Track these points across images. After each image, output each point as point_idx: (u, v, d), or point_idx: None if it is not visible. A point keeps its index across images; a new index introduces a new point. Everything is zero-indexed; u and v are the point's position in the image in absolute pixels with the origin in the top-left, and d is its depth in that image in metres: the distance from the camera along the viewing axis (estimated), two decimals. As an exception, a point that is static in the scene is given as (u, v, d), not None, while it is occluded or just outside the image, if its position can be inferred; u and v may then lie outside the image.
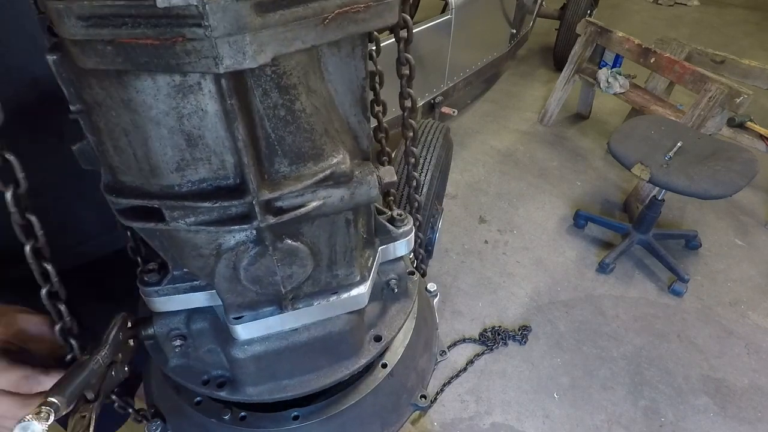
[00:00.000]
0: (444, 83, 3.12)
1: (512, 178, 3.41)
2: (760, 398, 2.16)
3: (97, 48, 0.36)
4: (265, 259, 0.52)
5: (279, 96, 0.44)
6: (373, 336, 0.70)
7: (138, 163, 0.45)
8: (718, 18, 6.18)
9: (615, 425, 2.05)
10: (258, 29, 0.36)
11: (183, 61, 0.36)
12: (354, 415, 0.70)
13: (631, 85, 3.35)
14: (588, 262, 2.78)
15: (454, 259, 2.77)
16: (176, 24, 0.35)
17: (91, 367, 0.52)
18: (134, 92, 0.41)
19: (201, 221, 0.47)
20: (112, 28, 0.35)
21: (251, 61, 0.37)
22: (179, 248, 0.52)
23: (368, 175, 0.53)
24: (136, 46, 0.36)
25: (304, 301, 0.60)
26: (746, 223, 3.07)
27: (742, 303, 2.58)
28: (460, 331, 2.39)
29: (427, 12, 2.89)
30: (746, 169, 2.30)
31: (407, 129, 0.68)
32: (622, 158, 2.41)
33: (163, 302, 0.59)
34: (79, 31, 0.36)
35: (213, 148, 0.45)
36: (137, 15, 0.35)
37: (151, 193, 0.46)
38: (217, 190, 0.47)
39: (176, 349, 0.62)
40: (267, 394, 0.63)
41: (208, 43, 0.35)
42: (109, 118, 0.43)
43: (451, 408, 2.10)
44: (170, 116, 0.42)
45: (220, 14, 0.34)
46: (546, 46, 5.10)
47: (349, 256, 0.60)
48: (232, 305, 0.57)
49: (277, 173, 0.48)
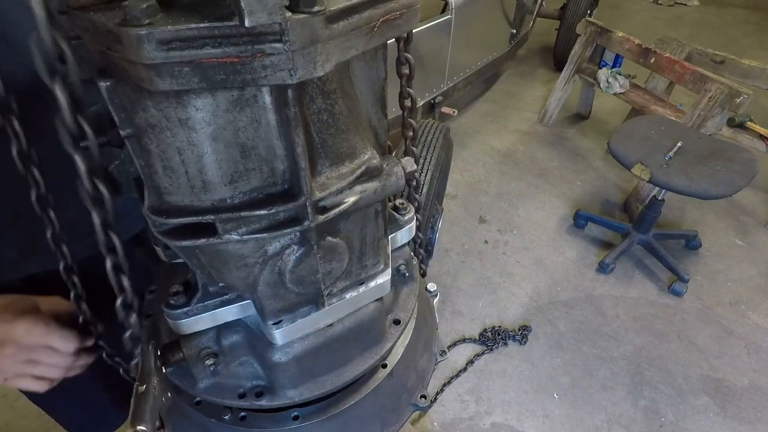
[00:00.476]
0: (444, 83, 3.12)
1: (512, 178, 3.41)
2: (760, 398, 2.16)
3: (174, 70, 0.37)
4: (309, 258, 0.54)
5: (322, 101, 0.46)
6: (392, 320, 0.73)
7: (189, 182, 0.46)
8: (718, 18, 6.18)
9: (615, 425, 2.05)
10: (327, 40, 0.39)
11: (259, 75, 0.38)
12: (354, 415, 0.70)
13: (631, 85, 3.35)
14: (588, 262, 2.78)
15: (454, 259, 2.77)
16: (257, 41, 0.36)
17: (153, 394, 0.53)
18: (193, 110, 0.42)
19: (253, 230, 0.48)
20: (192, 49, 0.36)
21: (320, 69, 0.39)
22: (223, 262, 0.53)
23: (395, 166, 0.56)
24: (216, 65, 0.37)
25: (337, 296, 0.62)
26: (746, 223, 3.07)
27: (742, 303, 2.58)
28: (460, 331, 2.39)
29: (427, 12, 2.89)
30: (746, 169, 2.30)
31: (407, 128, 0.69)
32: (622, 158, 2.41)
33: (191, 324, 0.59)
34: (159, 55, 0.36)
35: (265, 157, 0.46)
36: (220, 36, 0.36)
37: (202, 209, 0.48)
38: (267, 197, 0.48)
39: (209, 368, 0.62)
40: (307, 392, 0.64)
41: (285, 57, 0.37)
42: (162, 139, 0.44)
43: (451, 408, 2.10)
44: (227, 130, 0.43)
45: (299, 29, 0.36)
46: (546, 46, 5.10)
47: (376, 246, 0.62)
48: (272, 311, 0.58)
49: (321, 174, 0.50)
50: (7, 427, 2.00)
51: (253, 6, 0.34)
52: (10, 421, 2.02)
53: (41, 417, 2.00)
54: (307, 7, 0.36)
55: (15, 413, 2.03)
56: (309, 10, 0.36)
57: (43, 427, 1.99)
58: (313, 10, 0.36)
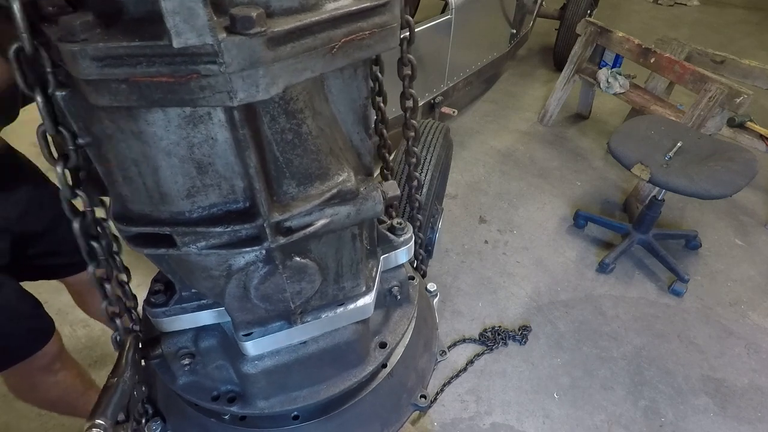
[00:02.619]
0: (444, 83, 3.12)
1: (512, 178, 3.41)
2: (760, 398, 2.15)
3: (111, 86, 0.37)
4: (274, 277, 0.52)
5: (286, 121, 0.44)
6: (378, 343, 0.71)
7: (148, 192, 0.46)
8: (718, 18, 6.18)
9: (615, 425, 2.04)
10: (270, 63, 0.37)
11: (197, 96, 0.37)
12: (354, 414, 0.70)
13: (631, 85, 3.35)
14: (588, 262, 2.78)
15: (454, 259, 2.77)
16: (191, 62, 0.35)
17: (122, 389, 0.53)
18: (145, 125, 0.41)
19: (212, 245, 0.48)
20: (126, 67, 0.36)
21: (264, 93, 0.38)
22: (189, 271, 0.53)
23: (373, 191, 0.54)
24: (151, 84, 0.36)
25: (312, 314, 0.61)
26: (746, 223, 3.06)
27: (742, 303, 2.57)
28: (460, 331, 2.39)
29: (427, 12, 2.89)
30: (746, 169, 2.29)
31: (409, 129, 0.68)
32: (622, 158, 2.41)
33: (170, 322, 0.59)
34: (94, 71, 0.36)
35: (223, 174, 0.45)
36: (152, 54, 0.35)
37: (161, 220, 0.47)
38: (227, 214, 0.48)
39: (185, 367, 0.63)
40: (278, 406, 0.64)
41: (223, 79, 0.36)
42: (119, 149, 0.43)
43: (451, 408, 2.10)
44: (181, 146, 0.43)
45: (234, 51, 0.35)
46: (546, 46, 5.09)
47: (355, 269, 0.61)
48: (242, 323, 0.58)
49: (285, 195, 0.49)
50: (7, 427, 2.00)
51: (180, 27, 0.32)
52: (10, 421, 2.01)
53: (41, 417, 2.00)
54: (245, 28, 0.34)
55: (15, 413, 2.03)
56: (246, 32, 0.34)
57: (43, 428, 1.99)
58: (250, 32, 0.34)
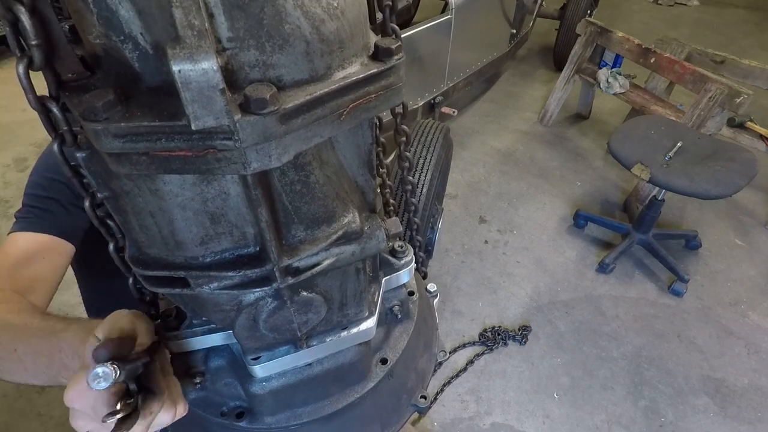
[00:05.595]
0: (444, 83, 3.12)
1: (512, 178, 3.41)
2: (760, 398, 2.15)
3: (132, 158, 0.38)
4: (283, 311, 0.55)
5: (295, 173, 0.46)
6: (379, 359, 0.73)
7: (163, 240, 0.48)
8: (718, 18, 6.18)
9: (615, 425, 2.04)
10: (282, 135, 0.38)
11: (213, 167, 0.39)
12: (354, 415, 0.70)
13: (631, 85, 3.35)
14: (588, 262, 2.78)
15: (454, 259, 2.77)
16: (208, 138, 0.37)
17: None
18: (161, 184, 0.43)
19: (224, 286, 0.50)
20: (147, 142, 0.37)
21: (276, 161, 0.39)
22: (201, 305, 0.56)
23: (376, 230, 0.56)
24: (170, 157, 0.38)
25: (317, 339, 0.63)
26: (746, 223, 3.06)
27: (742, 303, 2.57)
28: (460, 331, 2.39)
29: (427, 12, 2.89)
30: (746, 169, 2.29)
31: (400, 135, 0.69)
32: (622, 158, 2.41)
33: (182, 345, 0.62)
34: (116, 146, 0.37)
35: (235, 223, 0.47)
36: (172, 132, 0.37)
37: (176, 264, 0.49)
38: (238, 258, 0.50)
39: (197, 385, 0.65)
40: (284, 421, 0.66)
41: (238, 152, 0.38)
42: (136, 203, 0.45)
43: (451, 408, 2.10)
44: (195, 201, 0.45)
45: (249, 129, 0.36)
46: (546, 46, 5.09)
47: (359, 298, 0.63)
48: (250, 349, 0.60)
49: (294, 238, 0.51)
50: (7, 427, 2.00)
51: (198, 112, 0.34)
52: (10, 421, 2.01)
53: (41, 417, 2.00)
54: (259, 108, 0.36)
55: (15, 413, 2.03)
56: (260, 112, 0.36)
57: (43, 428, 1.99)
58: (263, 111, 0.36)
